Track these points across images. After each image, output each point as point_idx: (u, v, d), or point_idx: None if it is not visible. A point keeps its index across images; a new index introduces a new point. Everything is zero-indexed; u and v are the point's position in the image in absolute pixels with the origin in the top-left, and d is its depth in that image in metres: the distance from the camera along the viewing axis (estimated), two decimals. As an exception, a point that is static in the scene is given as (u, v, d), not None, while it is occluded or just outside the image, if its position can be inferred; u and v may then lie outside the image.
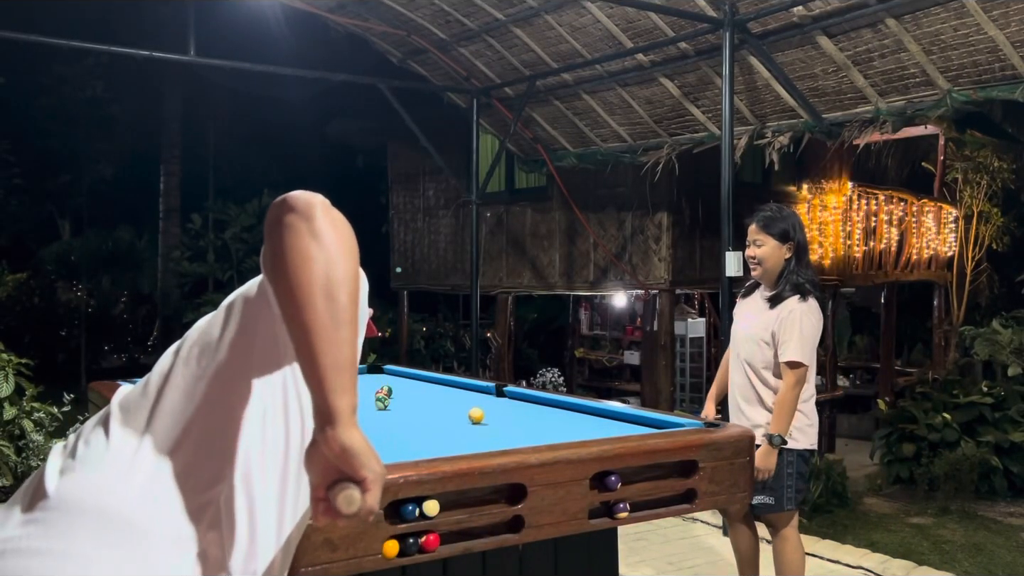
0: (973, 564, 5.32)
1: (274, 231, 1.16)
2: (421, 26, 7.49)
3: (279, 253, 1.14)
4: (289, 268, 1.13)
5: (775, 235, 3.48)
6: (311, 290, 1.12)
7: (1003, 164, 10.94)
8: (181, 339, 1.29)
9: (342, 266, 1.15)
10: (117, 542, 1.11)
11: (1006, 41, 5.03)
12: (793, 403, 3.40)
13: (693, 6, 5.80)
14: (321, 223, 1.15)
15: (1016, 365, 7.98)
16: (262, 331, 1.24)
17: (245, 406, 1.22)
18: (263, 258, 1.20)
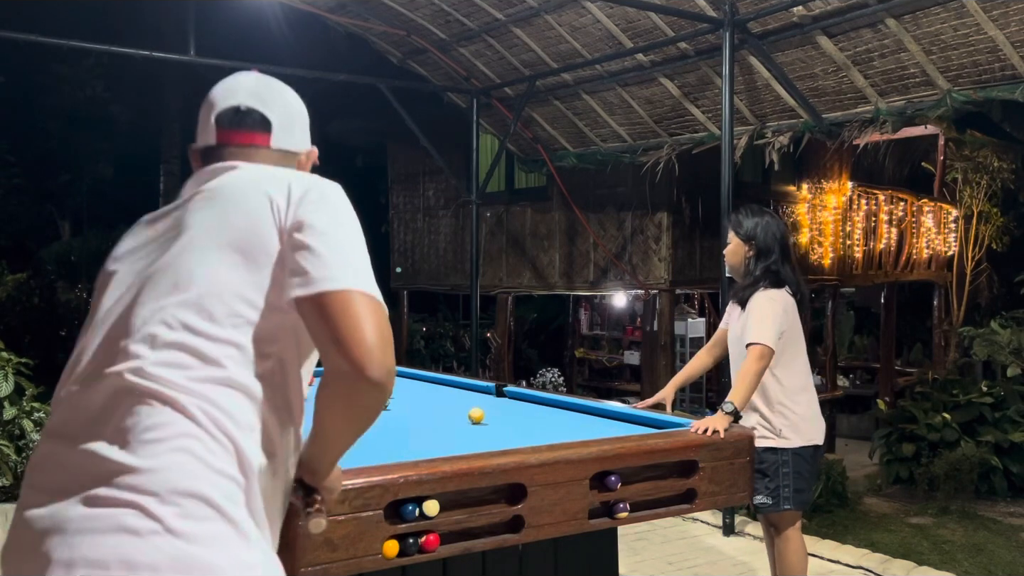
0: (973, 564, 5.32)
1: (345, 397, 1.32)
2: (421, 26, 7.49)
3: (356, 419, 1.36)
4: (354, 427, 1.37)
5: (740, 234, 3.62)
6: (358, 435, 1.38)
7: (1003, 164, 10.93)
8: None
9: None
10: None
11: (1006, 41, 5.03)
12: (751, 376, 3.33)
13: (693, 6, 5.80)
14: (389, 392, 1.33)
15: (1015, 365, 7.98)
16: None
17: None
18: (328, 396, 1.34)
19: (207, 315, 1.30)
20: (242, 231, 1.35)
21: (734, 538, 5.29)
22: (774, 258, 3.57)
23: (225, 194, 1.42)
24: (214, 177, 1.47)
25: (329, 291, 1.28)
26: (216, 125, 1.51)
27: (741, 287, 3.63)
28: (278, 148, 1.54)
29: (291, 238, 1.34)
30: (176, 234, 1.39)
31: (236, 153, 1.50)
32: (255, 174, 1.46)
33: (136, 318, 1.31)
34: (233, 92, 1.54)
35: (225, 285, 1.32)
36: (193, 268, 1.33)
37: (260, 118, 1.53)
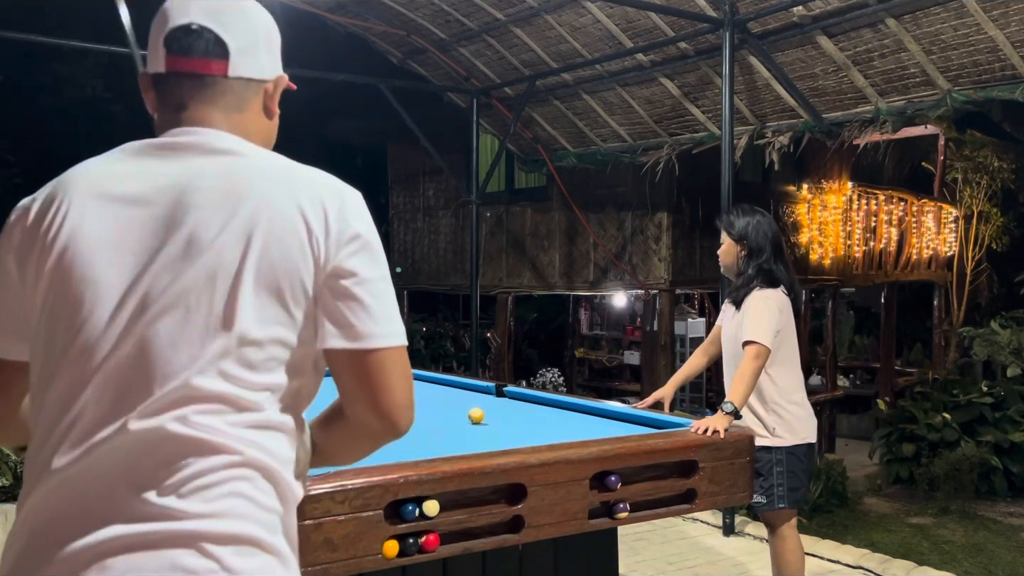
0: (973, 564, 5.32)
1: (367, 444, 1.35)
2: (421, 26, 7.49)
3: (363, 454, 1.39)
4: (358, 458, 1.41)
5: (731, 235, 3.66)
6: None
7: (1003, 164, 10.94)
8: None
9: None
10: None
11: (1006, 41, 5.03)
12: (749, 376, 3.35)
13: (693, 6, 5.79)
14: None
15: (1015, 366, 7.98)
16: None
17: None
18: (346, 436, 1.35)
19: (247, 364, 1.18)
20: (279, 270, 1.18)
21: (734, 538, 5.29)
22: (766, 257, 3.59)
23: (252, 211, 1.18)
24: (190, 156, 1.23)
25: (371, 349, 1.23)
26: (165, 48, 1.26)
27: (736, 287, 3.65)
28: (238, 76, 1.28)
29: (334, 282, 1.21)
30: (190, 251, 1.17)
31: (189, 87, 1.26)
32: (276, 177, 1.24)
33: (168, 363, 1.15)
34: (184, 8, 1.27)
35: (264, 331, 1.18)
36: (228, 310, 1.16)
37: (214, 39, 1.26)
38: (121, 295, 1.16)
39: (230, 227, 1.17)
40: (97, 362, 1.16)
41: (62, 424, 1.17)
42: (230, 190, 1.19)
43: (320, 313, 1.22)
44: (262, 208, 1.19)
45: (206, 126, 1.27)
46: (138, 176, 1.21)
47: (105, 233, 1.18)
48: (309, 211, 1.21)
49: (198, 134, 1.25)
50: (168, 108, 1.28)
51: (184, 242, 1.17)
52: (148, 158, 1.23)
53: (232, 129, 1.28)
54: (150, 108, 1.32)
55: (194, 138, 1.25)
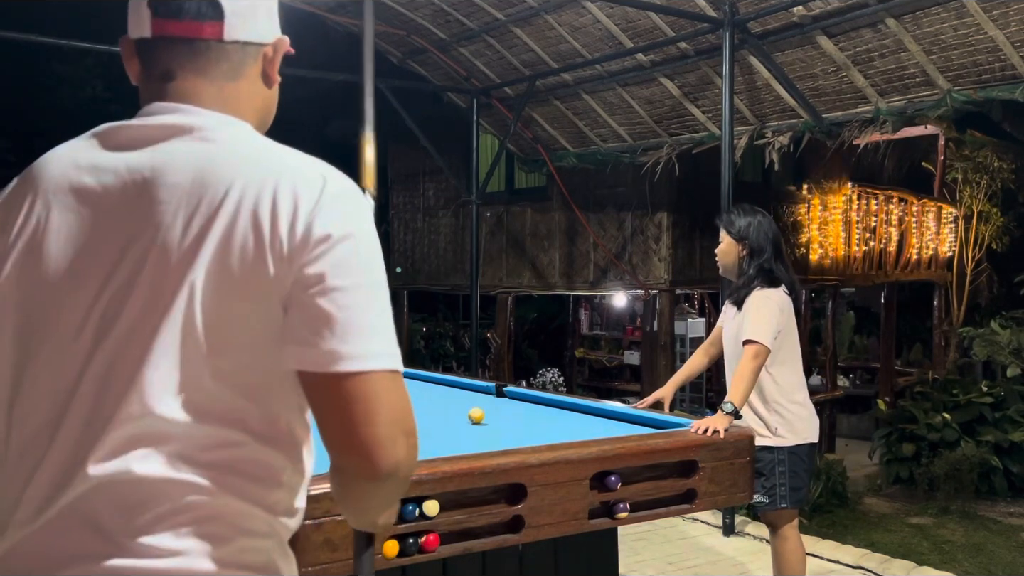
0: (973, 564, 5.32)
1: (353, 492, 1.11)
2: (421, 26, 7.49)
3: (354, 507, 1.16)
4: (358, 512, 1.19)
5: (732, 234, 3.65)
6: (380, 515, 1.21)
7: (1003, 164, 10.93)
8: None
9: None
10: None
11: (1006, 41, 5.03)
12: (748, 376, 3.34)
13: (693, 6, 5.79)
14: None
15: (1015, 366, 7.98)
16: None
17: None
18: (335, 488, 1.13)
19: (215, 388, 1.03)
20: (237, 277, 1.01)
21: (734, 538, 5.29)
22: (767, 256, 3.58)
23: (213, 206, 1.02)
24: (159, 144, 1.08)
25: (338, 373, 1.00)
26: (150, 9, 1.11)
27: (737, 287, 3.65)
28: (233, 40, 1.12)
29: (299, 291, 1.01)
30: (153, 257, 1.02)
31: (177, 53, 1.12)
32: (246, 163, 1.06)
33: (135, 389, 1.00)
34: None
35: (230, 353, 1.03)
36: (188, 328, 1.01)
37: (208, 1, 1.11)
38: (86, 308, 1.04)
39: (191, 228, 1.02)
40: (63, 384, 1.03)
41: (27, 458, 1.05)
42: (195, 182, 1.03)
43: (285, 328, 1.01)
44: (227, 200, 1.01)
45: (193, 99, 1.12)
46: (105, 169, 1.08)
47: (70, 234, 1.06)
48: (281, 203, 1.01)
49: (175, 112, 1.11)
50: (153, 78, 1.14)
51: (147, 247, 1.03)
52: (117, 148, 1.09)
53: (223, 101, 1.13)
54: (133, 78, 1.20)
55: (169, 118, 1.10)
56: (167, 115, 1.11)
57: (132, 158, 1.08)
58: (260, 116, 1.20)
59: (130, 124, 1.12)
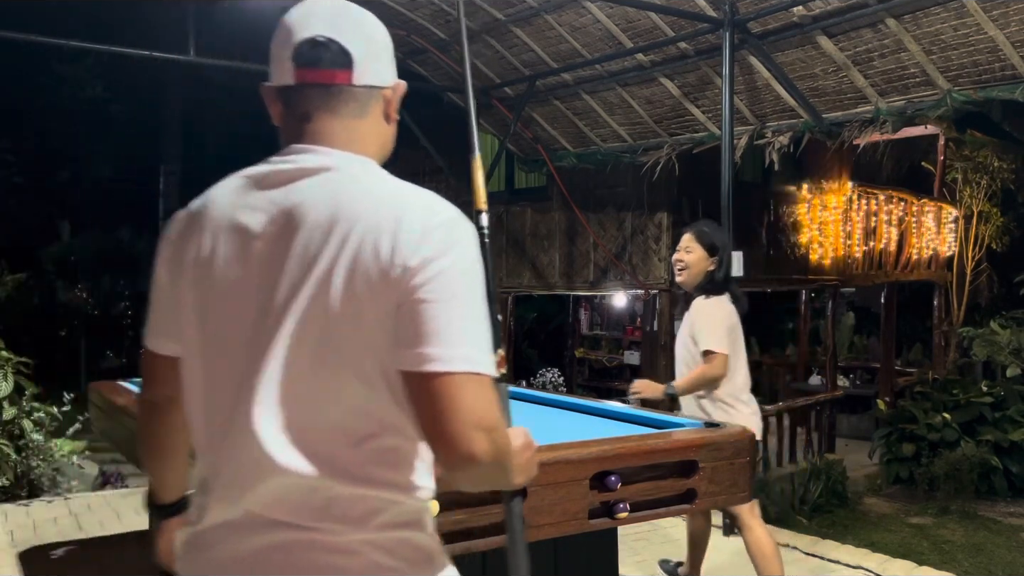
0: (973, 564, 5.32)
1: (455, 476, 1.22)
2: (421, 26, 7.49)
3: (463, 486, 1.28)
4: (470, 489, 1.34)
5: (705, 246, 3.89)
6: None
7: (1003, 164, 10.94)
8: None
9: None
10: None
11: (1006, 41, 5.03)
12: (705, 378, 3.72)
13: (693, 6, 5.79)
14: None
15: (1015, 366, 7.98)
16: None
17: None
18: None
19: (349, 395, 1.23)
20: (364, 296, 1.19)
21: (734, 538, 5.28)
22: (726, 270, 3.91)
23: (343, 235, 1.21)
24: (298, 183, 1.28)
25: (431, 372, 1.16)
26: (293, 61, 1.32)
27: (695, 294, 3.92)
28: (361, 84, 1.33)
29: (404, 304, 1.18)
30: (301, 283, 1.21)
31: (311, 96, 1.32)
32: (369, 198, 1.24)
33: (295, 404, 1.22)
34: (307, 21, 1.33)
35: (359, 360, 1.21)
36: (327, 343, 1.21)
37: (339, 50, 1.31)
38: (251, 326, 1.24)
39: (326, 252, 1.21)
40: (231, 392, 1.24)
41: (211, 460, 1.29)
42: (330, 217, 1.22)
43: (392, 334, 1.19)
44: (352, 230, 1.21)
45: (326, 137, 1.32)
46: (259, 207, 1.27)
47: (233, 266, 1.27)
48: (393, 231, 1.20)
49: (312, 153, 1.30)
50: (294, 119, 1.35)
51: (295, 271, 1.22)
52: (267, 189, 1.29)
53: (351, 137, 1.33)
54: (275, 119, 1.39)
55: (307, 159, 1.30)
56: (305, 155, 1.30)
57: (279, 197, 1.27)
58: (381, 150, 1.40)
59: (276, 167, 1.31)
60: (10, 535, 5.08)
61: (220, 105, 16.77)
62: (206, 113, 17.02)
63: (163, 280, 1.36)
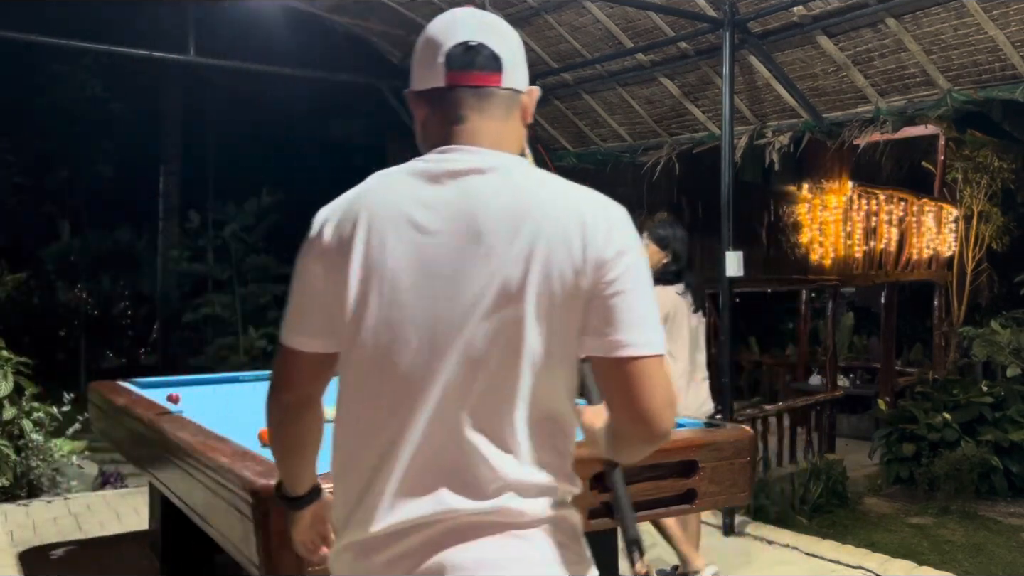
0: (973, 564, 5.32)
1: (630, 446, 1.37)
2: (421, 26, 7.39)
3: (627, 456, 1.43)
4: (629, 458, 1.44)
5: (656, 241, 4.20)
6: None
7: (1003, 164, 10.93)
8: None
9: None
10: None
11: (1006, 41, 5.03)
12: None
13: (693, 6, 5.79)
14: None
15: (1015, 366, 7.98)
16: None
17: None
18: (612, 443, 1.40)
19: (532, 380, 1.30)
20: (555, 288, 1.27)
21: (734, 538, 5.29)
22: (683, 263, 4.23)
23: (532, 232, 1.28)
24: (470, 181, 1.33)
25: (625, 357, 1.27)
26: (446, 65, 1.38)
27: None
28: (507, 87, 1.41)
29: (597, 296, 1.28)
30: (485, 276, 1.27)
31: (464, 98, 1.37)
32: (551, 197, 1.32)
33: (477, 388, 1.28)
34: (457, 28, 1.41)
35: (543, 347, 1.29)
36: (516, 332, 1.27)
37: (491, 55, 1.40)
38: (431, 318, 1.28)
39: (514, 250, 1.27)
40: (415, 383, 1.28)
41: (380, 444, 1.30)
42: (512, 214, 1.29)
43: (583, 323, 1.29)
44: (540, 229, 1.28)
45: (478, 137, 1.37)
46: (431, 205, 1.31)
47: (407, 258, 1.29)
48: (582, 228, 1.28)
49: (472, 154, 1.35)
50: (446, 120, 1.38)
51: (476, 268, 1.28)
52: (436, 184, 1.32)
53: (498, 137, 1.38)
54: (420, 120, 1.43)
55: (470, 159, 1.34)
56: (469, 155, 1.35)
57: (451, 194, 1.32)
58: (518, 148, 1.45)
59: (443, 165, 1.34)
60: (10, 535, 5.08)
61: (220, 105, 16.79)
62: (206, 113, 17.02)
63: (316, 277, 1.36)
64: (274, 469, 2.25)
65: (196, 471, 2.62)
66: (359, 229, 1.32)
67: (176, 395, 3.87)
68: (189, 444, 2.74)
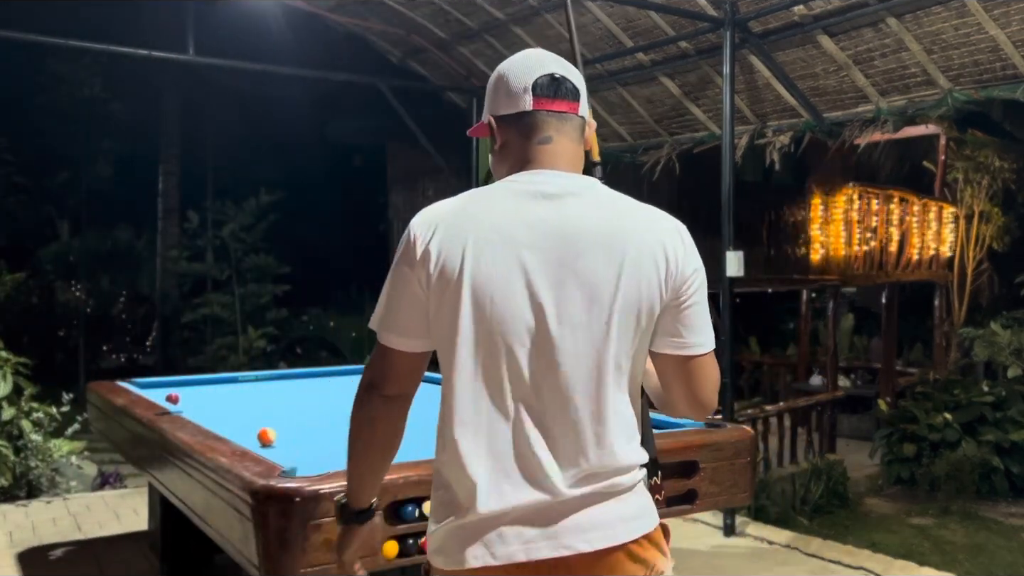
0: (974, 565, 5.31)
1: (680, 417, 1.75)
2: (421, 25, 7.48)
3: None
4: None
5: None
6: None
7: (1004, 164, 10.93)
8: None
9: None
10: None
11: (1007, 41, 5.02)
12: None
13: (694, 5, 5.78)
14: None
15: (1016, 366, 7.97)
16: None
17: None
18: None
19: (615, 377, 1.50)
20: (642, 298, 1.49)
21: (734, 538, 5.28)
22: None
23: (622, 249, 1.49)
24: (565, 202, 1.51)
25: (692, 355, 1.56)
26: (533, 92, 1.55)
27: None
28: (580, 115, 1.60)
29: (674, 305, 1.54)
30: (580, 287, 1.47)
31: (548, 123, 1.56)
32: (637, 219, 1.54)
33: (572, 386, 1.46)
34: (539, 63, 1.58)
35: (624, 349, 1.50)
36: (604, 335, 1.47)
37: (571, 86, 1.58)
38: (536, 327, 1.45)
39: (607, 265, 1.47)
40: (524, 383, 1.46)
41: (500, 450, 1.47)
42: (606, 234, 1.49)
43: (658, 327, 1.54)
44: (629, 248, 1.49)
45: (563, 158, 1.56)
46: (533, 224, 1.48)
47: (506, 269, 1.45)
48: (664, 249, 1.52)
49: (564, 178, 1.54)
50: (531, 140, 1.56)
51: (575, 280, 1.46)
52: (537, 205, 1.50)
53: (573, 159, 1.59)
54: (500, 141, 1.59)
55: (563, 183, 1.53)
56: (559, 178, 1.54)
57: (550, 213, 1.49)
58: (578, 165, 1.62)
59: (540, 186, 1.51)
60: (9, 536, 5.07)
61: (219, 105, 16.77)
62: (205, 112, 17.02)
63: (418, 285, 1.49)
64: (274, 469, 2.25)
65: (195, 471, 2.61)
66: (468, 249, 1.46)
67: (175, 395, 3.86)
68: (188, 444, 2.73)
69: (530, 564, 1.43)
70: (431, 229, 1.50)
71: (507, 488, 1.44)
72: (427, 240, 1.49)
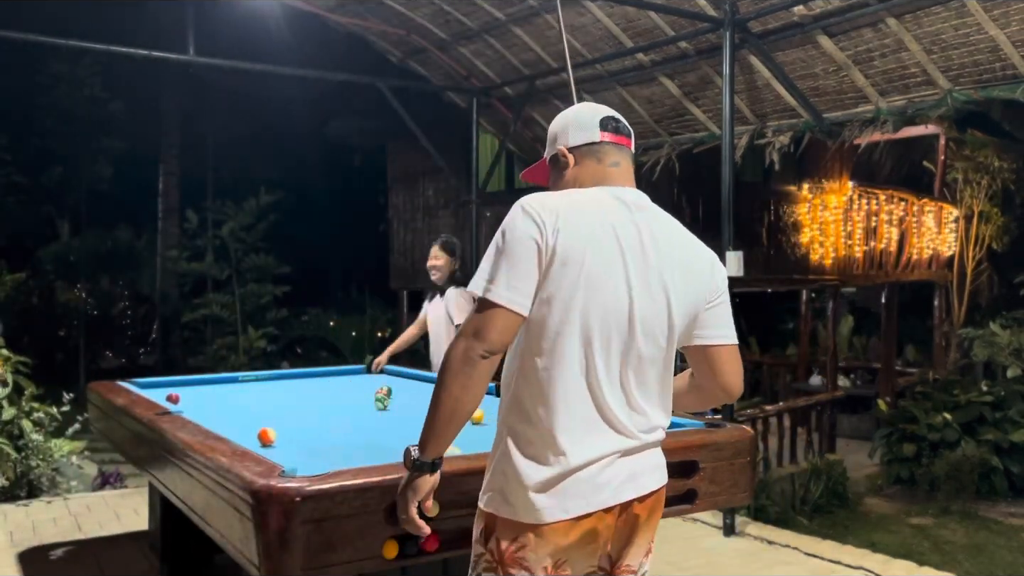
0: (974, 564, 5.32)
1: (708, 404, 2.18)
2: (421, 25, 7.48)
3: (702, 408, 2.24)
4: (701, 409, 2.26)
5: (448, 252, 5.30)
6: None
7: (1004, 164, 10.93)
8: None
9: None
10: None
11: (1007, 41, 5.02)
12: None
13: (693, 5, 5.78)
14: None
15: (1015, 366, 7.98)
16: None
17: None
18: (695, 400, 2.16)
19: (666, 359, 1.93)
20: (696, 299, 1.92)
21: (734, 538, 5.28)
22: (463, 267, 5.30)
23: (683, 257, 1.92)
24: (645, 213, 1.92)
25: (719, 344, 1.97)
26: (601, 127, 1.98)
27: (443, 287, 5.27)
28: (631, 150, 2.03)
29: (709, 308, 1.95)
30: (656, 280, 1.86)
31: (614, 152, 1.98)
32: (688, 235, 1.99)
33: (647, 369, 1.89)
34: (597, 110, 2.02)
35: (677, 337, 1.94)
36: (669, 327, 1.88)
37: (626, 126, 2.03)
38: (627, 310, 1.82)
39: (676, 268, 1.89)
40: (614, 356, 1.82)
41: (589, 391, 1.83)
42: (675, 243, 1.93)
43: (695, 324, 1.95)
44: (688, 257, 1.94)
45: (626, 179, 1.98)
46: (624, 224, 1.86)
47: (610, 260, 1.81)
48: (710, 264, 1.98)
49: (637, 195, 1.94)
50: (604, 163, 1.97)
51: (653, 272, 1.86)
52: (630, 213, 1.89)
53: (632, 180, 2.00)
54: (572, 165, 1.99)
55: (640, 199, 1.93)
56: (637, 195, 1.94)
57: (638, 220, 1.89)
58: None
59: (627, 199, 1.91)
60: (9, 535, 5.07)
61: (219, 105, 16.78)
62: (205, 112, 17.02)
63: (540, 252, 1.77)
64: (274, 469, 2.25)
65: (196, 471, 2.61)
66: (588, 241, 1.79)
67: (176, 395, 3.86)
68: (189, 444, 2.73)
69: (617, 507, 1.84)
70: (555, 215, 1.78)
71: (598, 440, 1.79)
72: (555, 225, 1.77)
